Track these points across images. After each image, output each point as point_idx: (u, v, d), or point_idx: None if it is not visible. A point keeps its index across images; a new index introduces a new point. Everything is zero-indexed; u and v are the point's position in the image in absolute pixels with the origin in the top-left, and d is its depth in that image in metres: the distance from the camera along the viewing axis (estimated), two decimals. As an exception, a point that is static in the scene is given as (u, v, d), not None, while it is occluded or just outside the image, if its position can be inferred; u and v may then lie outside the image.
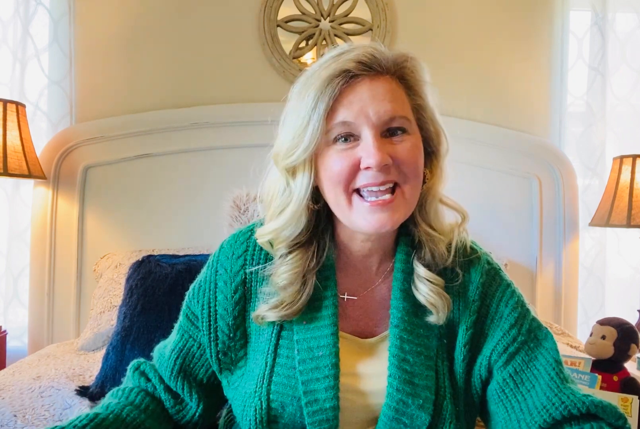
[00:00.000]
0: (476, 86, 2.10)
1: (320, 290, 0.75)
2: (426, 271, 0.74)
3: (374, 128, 0.68)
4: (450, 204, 0.78)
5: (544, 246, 2.05)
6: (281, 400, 0.70)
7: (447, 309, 0.73)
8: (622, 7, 2.11)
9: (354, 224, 0.71)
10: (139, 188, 1.95)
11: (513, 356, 0.73)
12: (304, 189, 0.71)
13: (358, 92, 0.68)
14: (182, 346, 0.80)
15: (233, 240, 0.80)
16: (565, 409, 0.67)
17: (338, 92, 0.68)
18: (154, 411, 0.77)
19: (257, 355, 0.75)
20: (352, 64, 0.68)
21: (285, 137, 0.72)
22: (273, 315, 0.73)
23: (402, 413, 0.69)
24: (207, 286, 0.79)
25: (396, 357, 0.71)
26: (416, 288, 0.74)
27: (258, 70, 2.04)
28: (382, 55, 0.70)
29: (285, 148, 0.71)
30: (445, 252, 0.75)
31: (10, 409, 1.13)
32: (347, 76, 0.68)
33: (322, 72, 0.69)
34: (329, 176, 0.70)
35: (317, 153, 0.71)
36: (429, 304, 0.73)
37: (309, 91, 0.69)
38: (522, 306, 0.77)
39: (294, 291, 0.73)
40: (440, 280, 0.74)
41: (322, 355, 0.71)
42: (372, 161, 0.66)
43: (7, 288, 1.92)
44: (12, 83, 1.91)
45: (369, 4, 2.06)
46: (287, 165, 0.72)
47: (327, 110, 0.68)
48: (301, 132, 0.69)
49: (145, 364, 0.83)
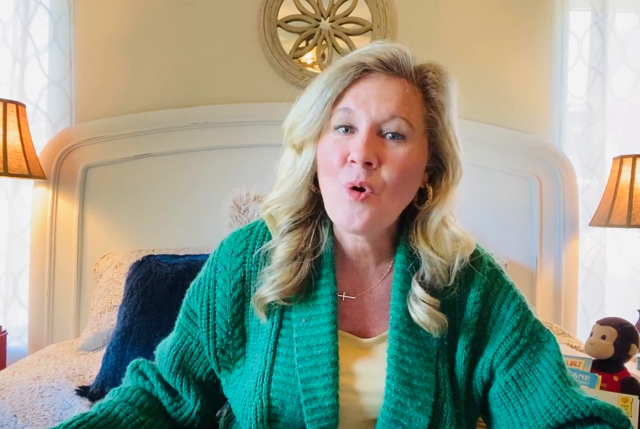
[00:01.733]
0: (476, 86, 2.10)
1: (320, 288, 0.75)
2: (422, 291, 0.72)
3: (371, 123, 0.68)
4: (455, 232, 0.75)
5: (544, 246, 2.05)
6: (281, 398, 0.70)
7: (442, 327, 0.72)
8: (622, 7, 2.11)
9: (334, 217, 0.72)
10: (139, 188, 1.95)
11: (515, 359, 0.72)
12: (304, 167, 0.73)
13: (368, 87, 0.69)
14: (181, 343, 0.81)
15: (233, 238, 0.81)
16: (568, 413, 0.66)
17: (349, 82, 0.69)
18: (150, 408, 0.78)
19: (255, 354, 0.75)
20: (371, 59, 0.69)
21: (294, 113, 0.74)
22: (269, 293, 0.73)
23: (400, 415, 0.68)
24: (207, 284, 0.79)
25: (394, 358, 0.70)
26: (411, 306, 0.73)
27: (258, 70, 2.04)
28: (405, 58, 0.70)
29: (290, 124, 0.74)
30: (445, 274, 0.74)
31: (10, 409, 1.13)
32: (361, 68, 0.69)
33: (341, 61, 0.71)
34: (324, 163, 0.72)
35: (320, 136, 0.72)
36: (420, 323, 0.72)
37: (324, 77, 0.71)
38: (524, 309, 0.76)
39: (288, 270, 0.74)
40: (436, 301, 0.72)
41: (321, 353, 0.71)
42: (356, 155, 0.67)
43: (7, 288, 1.92)
44: (12, 83, 1.91)
45: (369, 4, 2.06)
46: (290, 141, 0.74)
47: (334, 96, 0.69)
48: (305, 112, 0.71)
49: (143, 363, 0.83)
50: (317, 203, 0.77)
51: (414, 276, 0.74)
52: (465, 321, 0.74)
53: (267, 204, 0.78)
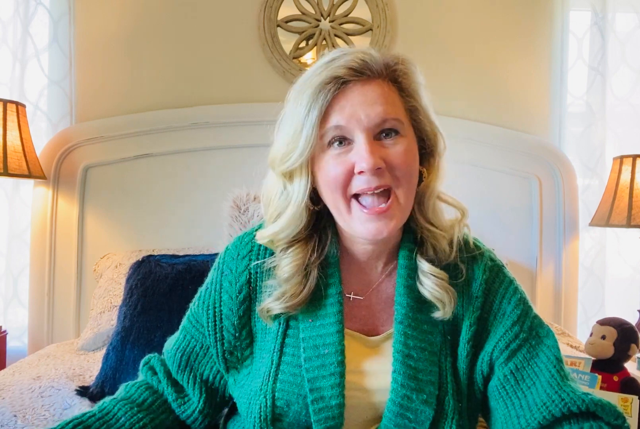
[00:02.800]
0: (476, 86, 2.10)
1: (326, 288, 0.75)
2: (430, 266, 0.75)
3: (366, 131, 0.69)
4: (449, 201, 0.79)
5: (544, 246, 2.05)
6: (287, 398, 0.71)
7: (453, 303, 0.74)
8: (622, 7, 2.11)
9: (352, 230, 0.73)
10: (138, 188, 1.95)
11: (514, 353, 0.73)
12: (301, 193, 0.73)
13: (349, 97, 0.69)
14: (185, 345, 0.82)
15: (238, 241, 0.82)
16: (564, 407, 0.67)
17: (330, 98, 0.69)
18: (152, 403, 0.79)
19: (263, 354, 0.76)
20: (343, 70, 0.69)
21: (281, 143, 0.73)
22: (277, 307, 0.74)
23: (406, 408, 0.69)
24: (213, 288, 0.81)
25: (400, 353, 0.71)
26: (421, 283, 0.74)
27: (258, 70, 2.04)
28: (372, 59, 0.71)
29: (280, 154, 0.73)
30: (447, 248, 0.76)
31: (10, 409, 1.13)
32: (339, 82, 0.69)
33: (314, 79, 0.70)
34: (326, 181, 0.71)
35: (314, 157, 0.72)
36: (434, 299, 0.73)
37: (302, 98, 0.70)
38: (525, 303, 0.77)
39: (296, 283, 0.74)
40: (445, 274, 0.75)
41: (328, 353, 0.71)
42: (364, 165, 0.68)
43: (7, 288, 1.92)
44: (12, 83, 1.91)
45: (369, 4, 2.06)
46: (283, 170, 0.73)
47: (320, 116, 0.69)
48: (296, 138, 0.70)
49: (154, 358, 0.85)
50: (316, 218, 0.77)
51: (418, 254, 0.76)
52: (468, 315, 0.75)
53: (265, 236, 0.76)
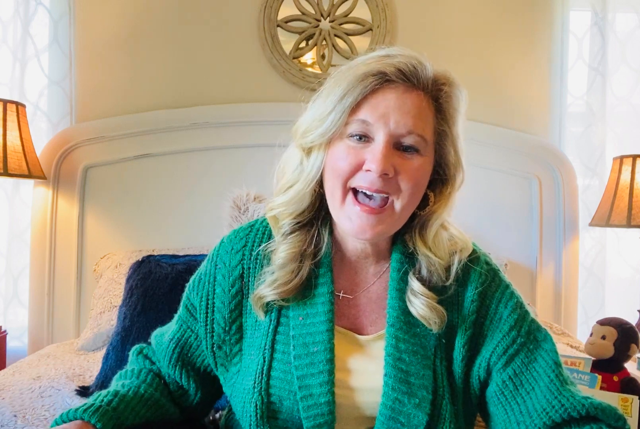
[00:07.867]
0: (476, 86, 2.09)
1: (317, 287, 0.76)
2: (420, 286, 0.74)
3: (389, 136, 0.69)
4: (453, 233, 0.77)
5: (544, 247, 2.05)
6: (279, 395, 0.71)
7: (441, 321, 0.72)
8: (622, 7, 2.10)
9: (339, 221, 0.74)
10: (139, 188, 1.95)
11: (512, 358, 0.73)
12: (314, 172, 0.74)
13: (387, 97, 0.69)
14: (180, 336, 0.82)
15: (233, 235, 0.82)
16: (565, 412, 0.67)
17: (368, 91, 0.69)
18: (164, 390, 0.81)
19: (252, 351, 0.76)
20: (392, 69, 0.69)
21: (309, 117, 0.74)
22: (269, 293, 0.74)
23: (398, 412, 0.69)
24: (207, 279, 0.81)
25: (391, 356, 0.71)
26: (410, 301, 0.74)
27: (258, 70, 2.04)
28: (424, 70, 0.71)
29: (304, 127, 0.74)
30: (443, 274, 0.75)
31: (10, 409, 1.13)
32: (383, 79, 0.69)
33: (361, 68, 0.70)
34: (333, 166, 0.72)
35: (332, 140, 0.72)
36: (420, 317, 0.73)
37: (342, 81, 0.71)
38: (521, 308, 0.77)
39: (289, 271, 0.75)
40: (433, 295, 0.73)
41: (317, 351, 0.72)
42: (374, 167, 0.68)
43: (7, 288, 1.92)
44: (12, 83, 1.91)
45: (369, 4, 2.06)
46: (301, 144, 0.74)
47: (352, 105, 0.69)
48: (323, 118, 0.71)
49: (147, 348, 0.86)
50: (319, 204, 0.78)
51: (410, 272, 0.76)
52: (463, 319, 0.75)
53: (273, 207, 0.78)
